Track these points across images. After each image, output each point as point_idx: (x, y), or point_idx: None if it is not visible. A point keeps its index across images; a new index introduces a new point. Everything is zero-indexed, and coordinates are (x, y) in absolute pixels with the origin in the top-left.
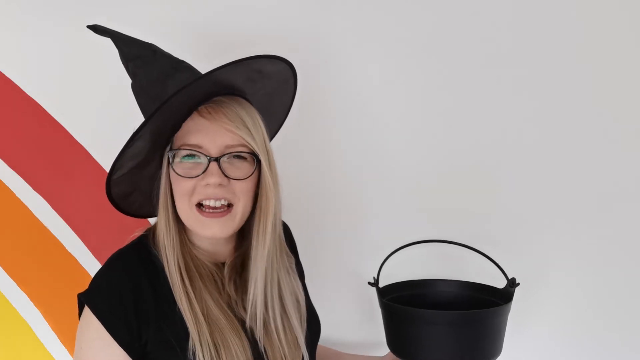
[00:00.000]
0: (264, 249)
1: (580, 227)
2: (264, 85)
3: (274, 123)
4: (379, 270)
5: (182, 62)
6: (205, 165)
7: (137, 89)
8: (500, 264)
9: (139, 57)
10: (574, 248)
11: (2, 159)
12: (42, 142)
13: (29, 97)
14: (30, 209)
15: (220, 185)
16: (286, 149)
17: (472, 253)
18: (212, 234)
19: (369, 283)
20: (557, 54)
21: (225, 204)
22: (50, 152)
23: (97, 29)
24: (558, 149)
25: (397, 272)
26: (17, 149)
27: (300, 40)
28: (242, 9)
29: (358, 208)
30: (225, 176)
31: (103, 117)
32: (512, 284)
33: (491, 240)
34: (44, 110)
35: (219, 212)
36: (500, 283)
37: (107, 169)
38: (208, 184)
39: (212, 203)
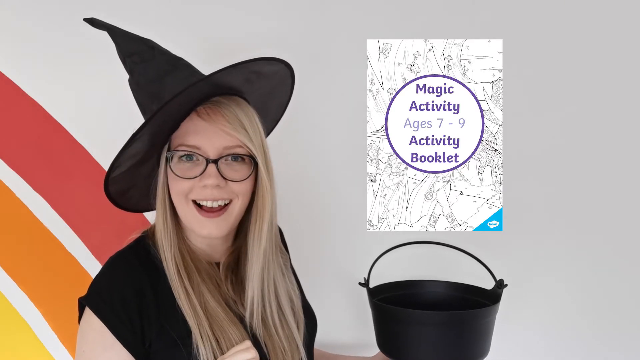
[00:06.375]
0: (259, 248)
1: (568, 229)
2: (261, 86)
3: (270, 121)
4: (370, 270)
5: (180, 59)
6: (203, 167)
7: (134, 86)
8: (488, 266)
9: (136, 53)
10: (561, 249)
11: (2, 159)
12: (42, 142)
13: (29, 97)
14: (30, 209)
15: (217, 186)
16: (281, 148)
17: (462, 254)
18: (208, 232)
19: (360, 283)
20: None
21: (222, 204)
22: (50, 152)
23: (94, 22)
24: (545, 152)
25: (388, 273)
26: (17, 149)
27: (297, 40)
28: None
29: (350, 208)
30: (223, 178)
31: (103, 117)
32: (500, 285)
33: (480, 242)
34: (44, 110)
35: (215, 212)
36: (489, 284)
37: (107, 168)
38: (205, 185)
39: (209, 204)
